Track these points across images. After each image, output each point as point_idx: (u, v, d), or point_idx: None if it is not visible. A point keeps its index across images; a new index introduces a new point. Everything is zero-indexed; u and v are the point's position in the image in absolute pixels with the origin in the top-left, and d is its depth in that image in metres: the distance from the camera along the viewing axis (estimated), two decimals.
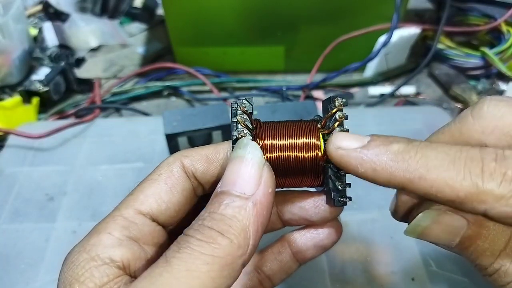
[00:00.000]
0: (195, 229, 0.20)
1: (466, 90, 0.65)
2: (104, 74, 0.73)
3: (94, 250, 0.22)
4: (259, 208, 0.21)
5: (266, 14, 0.65)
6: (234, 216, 0.21)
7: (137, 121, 0.61)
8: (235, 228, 0.20)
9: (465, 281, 0.40)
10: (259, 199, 0.21)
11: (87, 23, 0.80)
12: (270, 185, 0.22)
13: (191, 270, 0.19)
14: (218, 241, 0.20)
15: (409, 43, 0.68)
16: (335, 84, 0.68)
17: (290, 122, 0.27)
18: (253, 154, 0.22)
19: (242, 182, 0.22)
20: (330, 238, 0.29)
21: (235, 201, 0.21)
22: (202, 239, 0.20)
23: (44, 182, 0.51)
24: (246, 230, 0.20)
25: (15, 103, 0.62)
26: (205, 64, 0.70)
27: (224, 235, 0.20)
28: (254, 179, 0.22)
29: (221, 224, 0.20)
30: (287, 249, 0.30)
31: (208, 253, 0.19)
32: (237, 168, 0.22)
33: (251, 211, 0.21)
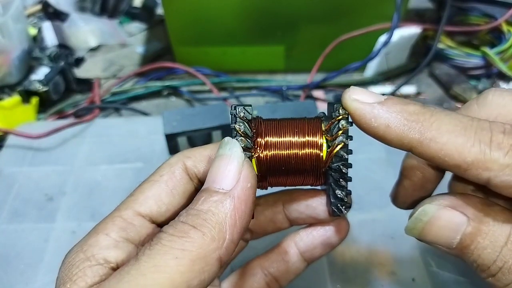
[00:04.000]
0: (170, 225, 0.20)
1: (466, 90, 0.65)
2: (103, 74, 0.73)
3: (90, 251, 0.22)
4: (237, 203, 0.21)
5: (266, 13, 0.65)
6: (209, 210, 0.20)
7: (137, 121, 0.61)
8: (210, 221, 0.20)
9: (465, 281, 0.40)
10: (237, 193, 0.21)
11: (87, 23, 0.79)
12: (249, 180, 0.22)
13: (158, 265, 0.18)
14: (190, 234, 0.19)
15: (410, 43, 0.68)
16: (335, 84, 0.68)
17: (293, 120, 0.26)
18: (232, 151, 0.23)
19: (221, 178, 0.22)
20: (337, 235, 0.29)
21: (213, 196, 0.21)
22: (174, 234, 0.20)
23: (44, 182, 0.51)
24: (222, 224, 0.20)
25: (15, 103, 0.61)
26: (205, 63, 0.70)
27: (197, 228, 0.20)
28: (233, 174, 0.22)
29: (195, 218, 0.20)
30: (294, 248, 0.30)
31: (177, 248, 0.19)
32: (217, 165, 0.22)
33: (228, 205, 0.21)
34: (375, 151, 0.53)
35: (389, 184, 0.49)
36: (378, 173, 0.50)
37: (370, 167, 0.51)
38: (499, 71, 0.66)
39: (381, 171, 0.51)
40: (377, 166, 0.51)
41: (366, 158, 0.52)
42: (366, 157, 0.52)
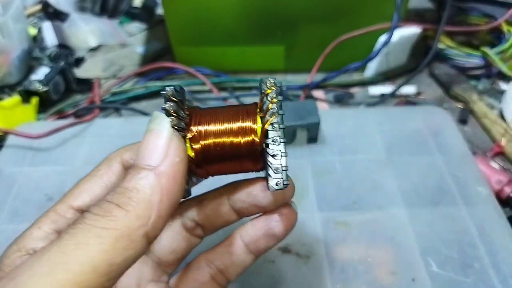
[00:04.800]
0: (95, 205, 0.20)
1: (466, 90, 0.65)
2: (103, 74, 0.73)
3: (22, 242, 0.22)
4: (163, 178, 0.21)
5: (266, 13, 0.65)
6: (135, 187, 0.20)
7: (137, 121, 0.61)
8: (135, 199, 0.20)
9: (466, 281, 0.40)
10: (165, 169, 0.21)
11: (87, 23, 0.79)
12: (178, 155, 0.22)
13: (79, 243, 0.18)
14: (113, 213, 0.19)
15: (410, 43, 0.68)
16: (336, 83, 0.68)
17: (229, 107, 0.26)
18: (160, 125, 0.22)
19: (148, 154, 0.21)
20: (280, 226, 0.28)
21: (140, 173, 0.21)
22: (98, 213, 0.19)
23: (44, 182, 0.51)
24: (147, 200, 0.20)
25: (14, 103, 0.61)
26: (205, 63, 0.70)
27: (121, 207, 0.20)
28: (160, 149, 0.21)
29: (121, 197, 0.20)
30: (239, 241, 0.29)
31: (100, 226, 0.19)
32: (146, 141, 0.22)
33: (154, 181, 0.20)
34: (375, 151, 0.53)
35: (389, 184, 0.50)
36: (378, 173, 0.50)
37: (370, 167, 0.51)
38: (499, 71, 0.66)
39: (381, 171, 0.51)
40: (377, 166, 0.51)
41: (366, 158, 0.52)
42: (366, 157, 0.52)
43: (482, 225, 0.45)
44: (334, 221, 0.45)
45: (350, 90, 0.68)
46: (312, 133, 0.52)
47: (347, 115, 0.58)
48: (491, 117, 0.60)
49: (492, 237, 0.43)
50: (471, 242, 0.43)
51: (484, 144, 0.58)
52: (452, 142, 0.54)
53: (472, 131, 0.61)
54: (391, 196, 0.48)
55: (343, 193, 0.48)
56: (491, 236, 0.43)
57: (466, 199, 0.47)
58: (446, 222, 0.45)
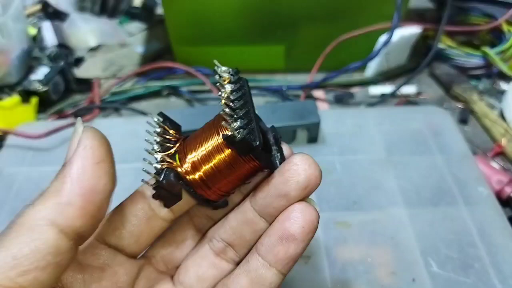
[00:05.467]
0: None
1: (467, 90, 0.65)
2: (103, 74, 0.73)
3: None
4: (68, 166, 0.22)
5: (266, 13, 0.64)
6: (50, 185, 0.22)
7: (137, 121, 0.61)
8: (45, 194, 0.21)
9: (466, 281, 0.40)
10: (74, 159, 0.22)
11: (86, 23, 0.79)
12: (85, 142, 0.22)
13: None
14: (22, 211, 0.20)
15: (410, 43, 0.68)
16: (336, 83, 0.68)
17: (205, 126, 0.26)
18: (75, 127, 0.24)
19: (67, 153, 0.23)
20: (296, 224, 0.24)
21: (57, 173, 0.23)
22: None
23: (43, 182, 0.50)
24: (53, 191, 0.21)
25: (14, 103, 0.61)
26: (205, 63, 0.69)
27: (31, 204, 0.21)
28: (72, 144, 0.23)
29: (36, 198, 0.21)
30: (255, 254, 0.25)
31: (8, 226, 0.20)
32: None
33: (61, 172, 0.22)
34: (375, 151, 0.53)
35: (389, 184, 0.50)
36: (378, 173, 0.50)
37: (370, 167, 0.51)
38: (500, 71, 0.66)
39: (381, 171, 0.51)
40: (377, 166, 0.51)
41: (366, 158, 0.52)
42: (366, 157, 0.52)
43: (482, 225, 0.44)
44: (334, 221, 0.45)
45: (350, 90, 0.68)
46: (312, 133, 0.52)
47: (347, 115, 0.58)
48: (492, 117, 0.60)
49: (493, 237, 0.43)
50: (471, 242, 0.43)
51: (485, 144, 0.58)
52: (453, 142, 0.54)
53: (472, 131, 0.61)
54: (391, 196, 0.48)
55: (343, 193, 0.48)
56: (492, 236, 0.43)
57: (466, 199, 0.47)
58: (446, 222, 0.45)
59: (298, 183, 0.24)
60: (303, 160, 0.24)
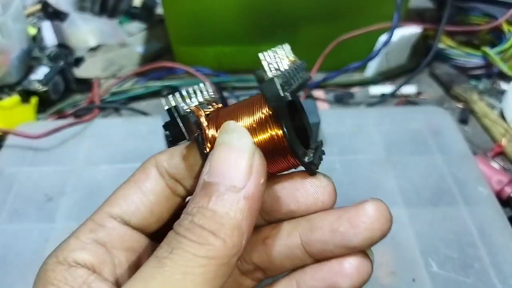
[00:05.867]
0: (186, 228, 0.19)
1: (467, 90, 0.64)
2: (103, 74, 0.73)
3: (61, 254, 0.22)
4: (251, 202, 0.19)
5: (266, 13, 0.64)
6: (226, 213, 0.19)
7: (136, 121, 0.61)
8: (228, 226, 0.19)
9: (466, 281, 0.40)
10: (251, 192, 0.19)
11: (86, 23, 0.79)
12: (262, 175, 0.20)
13: (186, 273, 0.18)
14: (211, 242, 0.19)
15: (410, 43, 0.68)
16: (336, 83, 0.68)
17: (246, 99, 0.24)
18: (242, 141, 0.20)
19: (232, 173, 0.20)
20: (349, 282, 0.23)
21: (226, 194, 0.19)
22: (194, 240, 0.19)
23: (43, 182, 0.51)
24: (240, 227, 0.19)
25: (14, 103, 0.61)
26: (205, 63, 0.69)
27: (217, 235, 0.19)
28: (245, 169, 0.20)
29: (212, 222, 0.19)
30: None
31: (202, 255, 0.18)
32: (225, 157, 0.20)
33: (244, 206, 0.19)
34: (375, 151, 0.53)
35: (389, 184, 0.50)
36: (378, 173, 0.50)
37: (370, 167, 0.51)
38: (500, 71, 0.66)
39: (381, 171, 0.51)
40: (377, 166, 0.51)
41: (366, 158, 0.52)
42: (366, 157, 0.52)
43: (482, 225, 0.44)
44: None
45: (350, 90, 0.68)
46: (312, 133, 0.52)
47: (347, 115, 0.58)
48: (492, 117, 0.60)
49: (493, 237, 0.43)
50: (471, 242, 0.43)
51: (485, 144, 0.58)
52: (453, 142, 0.54)
53: (472, 131, 0.61)
54: (391, 196, 0.48)
55: (343, 193, 0.48)
56: (492, 236, 0.43)
57: (466, 199, 0.47)
58: (446, 222, 0.45)
59: (372, 239, 0.22)
60: (379, 212, 0.22)
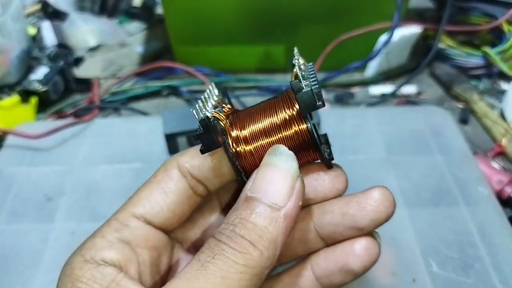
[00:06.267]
0: (228, 236, 0.21)
1: (467, 89, 0.64)
2: (103, 74, 0.73)
3: (88, 253, 0.22)
4: (288, 221, 0.21)
5: (266, 13, 0.64)
6: (266, 227, 0.21)
7: (136, 121, 0.61)
8: (266, 239, 0.21)
9: (466, 281, 0.40)
10: (290, 211, 0.21)
11: (86, 22, 0.79)
12: (301, 198, 0.22)
13: (225, 277, 0.20)
14: (250, 251, 0.21)
15: (410, 43, 0.68)
16: (336, 83, 0.68)
17: (265, 102, 0.25)
18: (289, 164, 0.22)
19: (275, 192, 0.22)
20: (359, 262, 0.25)
21: (267, 211, 0.21)
22: (235, 248, 0.21)
23: (43, 182, 0.51)
24: (275, 242, 0.21)
25: (14, 103, 0.61)
26: (205, 63, 0.69)
27: (255, 246, 0.21)
28: (287, 190, 0.22)
29: (252, 234, 0.21)
30: (309, 272, 0.27)
31: (241, 263, 0.20)
32: (271, 176, 0.22)
33: (282, 223, 0.21)
34: (375, 151, 0.53)
35: (389, 184, 0.50)
36: (378, 173, 0.50)
37: (370, 167, 0.51)
38: (500, 70, 0.66)
39: (381, 171, 0.51)
40: (377, 166, 0.51)
41: (366, 158, 0.52)
42: (366, 157, 0.52)
43: (482, 225, 0.44)
44: None
45: (351, 90, 0.68)
46: None
47: (347, 115, 0.58)
48: (492, 117, 0.60)
49: (493, 237, 0.43)
50: (471, 242, 0.43)
51: (485, 144, 0.58)
52: (453, 142, 0.54)
53: (472, 131, 0.61)
54: None
55: None
56: (492, 236, 0.43)
57: (466, 199, 0.47)
58: (446, 222, 0.45)
59: (378, 220, 0.25)
60: (384, 197, 0.25)
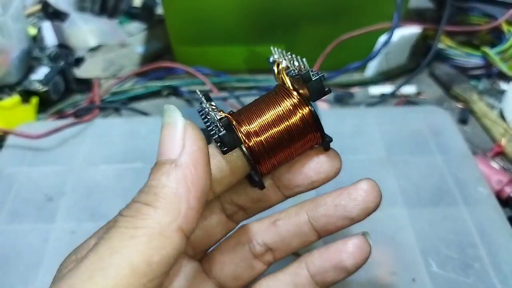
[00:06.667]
0: (125, 208, 0.20)
1: (467, 90, 0.65)
2: (103, 74, 0.73)
3: (81, 253, 0.22)
4: (185, 169, 0.20)
5: (266, 13, 0.64)
6: (159, 183, 0.20)
7: (137, 121, 0.61)
8: (161, 194, 0.20)
9: (466, 281, 0.40)
10: (184, 160, 0.20)
11: (86, 23, 0.79)
12: (195, 144, 0.21)
13: (114, 247, 0.18)
14: (142, 212, 0.19)
15: (410, 43, 0.68)
16: (336, 83, 0.68)
17: (260, 99, 0.27)
18: (171, 118, 0.22)
19: (166, 148, 0.21)
20: (352, 259, 0.26)
21: (161, 168, 0.20)
22: (127, 215, 0.19)
23: (43, 182, 0.51)
24: (174, 194, 0.20)
25: (14, 103, 0.61)
26: (205, 63, 0.69)
27: (149, 205, 0.19)
28: (176, 141, 0.21)
29: (147, 195, 0.20)
30: (304, 270, 0.27)
31: (131, 227, 0.19)
32: (162, 137, 0.22)
33: (176, 174, 0.20)
34: (375, 151, 0.53)
35: (389, 184, 0.50)
36: (378, 173, 0.50)
37: (370, 167, 0.51)
38: (500, 71, 0.66)
39: (381, 171, 0.51)
40: (377, 166, 0.51)
41: (366, 158, 0.52)
42: (366, 157, 0.52)
43: (482, 225, 0.44)
44: None
45: (350, 90, 0.68)
46: None
47: (347, 115, 0.58)
48: (491, 117, 0.60)
49: (492, 237, 0.43)
50: (471, 242, 0.43)
51: (484, 144, 0.58)
52: (452, 142, 0.54)
53: (472, 131, 0.61)
54: (391, 196, 0.48)
55: None
56: (492, 236, 0.43)
57: (466, 199, 0.47)
58: (446, 222, 0.45)
59: (367, 209, 0.26)
60: (372, 188, 0.27)
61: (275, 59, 0.27)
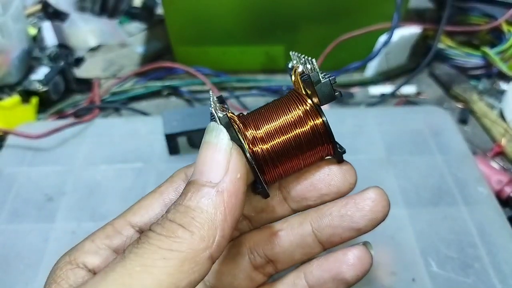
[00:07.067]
0: (157, 223, 0.20)
1: (467, 90, 0.65)
2: (103, 74, 0.73)
3: (74, 255, 0.22)
4: (226, 196, 0.20)
5: (266, 13, 0.64)
6: (198, 206, 0.19)
7: (137, 121, 0.61)
8: (198, 219, 0.19)
9: (466, 281, 0.40)
10: (226, 186, 0.20)
11: (86, 23, 0.79)
12: (239, 170, 0.21)
13: (146, 265, 0.18)
14: (178, 234, 0.19)
15: (410, 43, 0.68)
16: (336, 83, 0.68)
17: (271, 104, 0.26)
18: (218, 138, 0.21)
19: (208, 170, 0.20)
20: (353, 271, 0.25)
21: (201, 190, 0.20)
22: (161, 233, 0.19)
23: (43, 182, 0.51)
24: (211, 221, 0.19)
25: (14, 103, 0.61)
26: (205, 63, 0.69)
27: (185, 228, 0.19)
28: (220, 165, 0.20)
29: (183, 216, 0.19)
30: (302, 281, 0.26)
31: (165, 248, 0.18)
32: (204, 155, 0.21)
33: (217, 200, 0.19)
34: (375, 151, 0.53)
35: (389, 184, 0.50)
36: (378, 173, 0.50)
37: (370, 167, 0.51)
38: (499, 71, 0.66)
39: (381, 171, 0.51)
40: (377, 166, 0.51)
41: (366, 158, 0.52)
42: (366, 157, 0.52)
43: (482, 225, 0.44)
44: None
45: (350, 90, 0.68)
46: None
47: (347, 115, 0.58)
48: (491, 117, 0.60)
49: (492, 237, 0.43)
50: (471, 242, 0.43)
51: (484, 144, 0.58)
52: (452, 142, 0.54)
53: (472, 131, 0.61)
54: (391, 196, 0.47)
55: None
56: (491, 236, 0.43)
57: (466, 199, 0.47)
58: (446, 222, 0.45)
59: (375, 220, 0.25)
60: (381, 196, 0.25)
61: (293, 64, 0.25)
